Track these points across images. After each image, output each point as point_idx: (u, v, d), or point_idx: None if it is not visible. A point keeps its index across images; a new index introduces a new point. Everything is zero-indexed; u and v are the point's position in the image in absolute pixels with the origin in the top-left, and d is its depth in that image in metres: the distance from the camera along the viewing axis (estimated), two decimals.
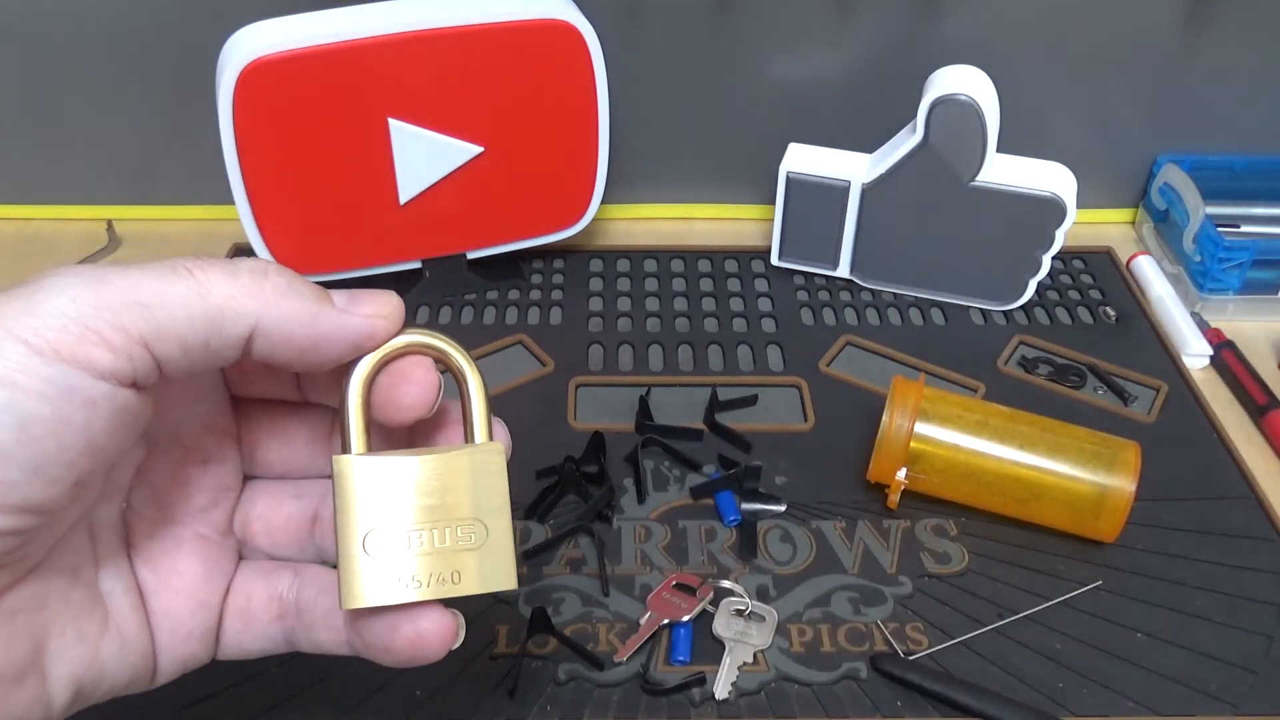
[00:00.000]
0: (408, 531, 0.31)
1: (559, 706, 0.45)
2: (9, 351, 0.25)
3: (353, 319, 0.30)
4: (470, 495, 0.32)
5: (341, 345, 0.30)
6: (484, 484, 0.32)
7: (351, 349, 0.31)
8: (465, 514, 0.32)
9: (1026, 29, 0.72)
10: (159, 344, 0.27)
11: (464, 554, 0.32)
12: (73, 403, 0.26)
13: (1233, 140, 0.76)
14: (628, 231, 0.78)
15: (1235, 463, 0.59)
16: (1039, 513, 0.53)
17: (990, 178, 0.65)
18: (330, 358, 0.30)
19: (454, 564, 0.31)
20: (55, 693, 0.29)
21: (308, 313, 0.29)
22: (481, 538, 0.32)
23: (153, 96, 0.73)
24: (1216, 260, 0.69)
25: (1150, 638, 0.49)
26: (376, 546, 0.31)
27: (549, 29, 0.62)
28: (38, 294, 0.26)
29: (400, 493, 0.32)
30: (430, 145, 0.64)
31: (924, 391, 0.53)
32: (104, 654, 0.30)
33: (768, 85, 0.74)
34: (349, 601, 0.31)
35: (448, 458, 0.32)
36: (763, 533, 0.54)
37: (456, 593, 0.31)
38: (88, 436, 0.26)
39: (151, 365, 0.27)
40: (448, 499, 0.32)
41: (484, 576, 0.32)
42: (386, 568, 0.31)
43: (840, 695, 0.46)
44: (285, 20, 0.60)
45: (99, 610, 0.30)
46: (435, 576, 0.31)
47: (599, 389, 0.63)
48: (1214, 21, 0.71)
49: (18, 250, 0.75)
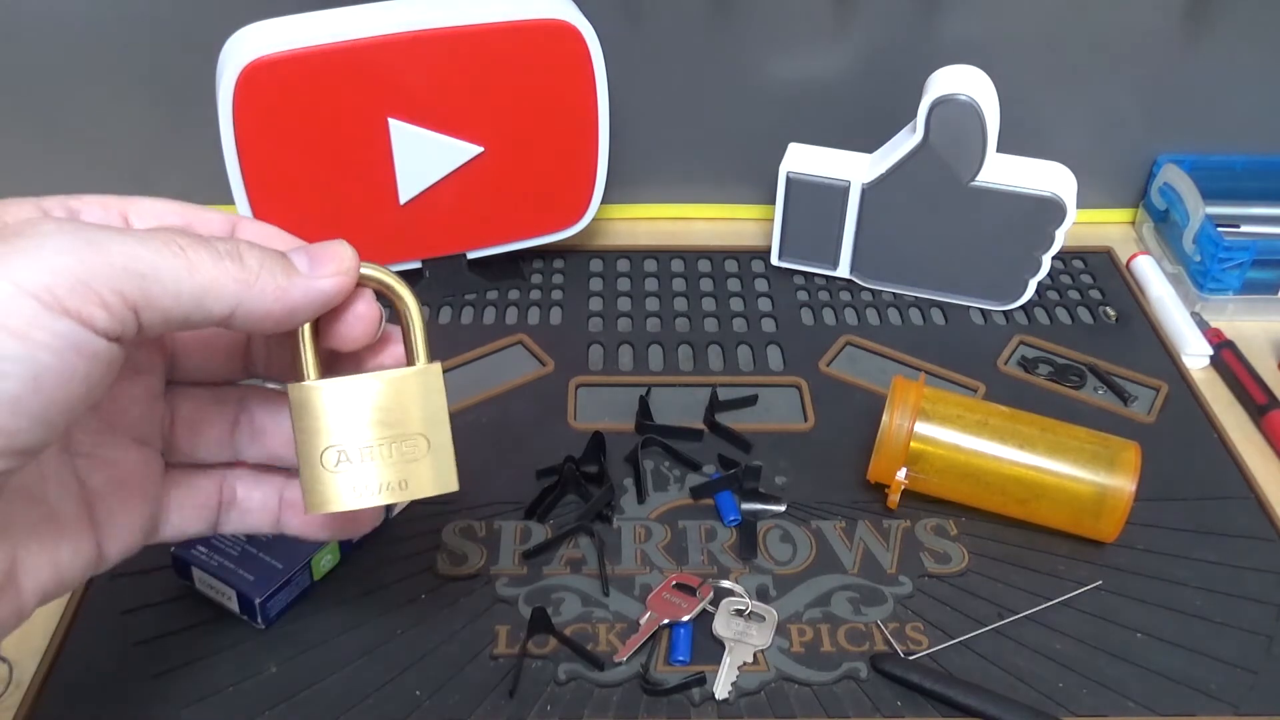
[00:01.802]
0: (360, 446, 0.35)
1: (559, 706, 0.45)
2: (22, 306, 0.27)
3: (319, 283, 0.33)
4: (415, 411, 0.36)
5: (311, 310, 0.33)
6: (426, 400, 0.36)
7: (320, 310, 0.34)
8: (412, 429, 0.36)
9: (1026, 29, 0.72)
10: (146, 312, 0.29)
11: (412, 464, 0.36)
12: (78, 356, 0.28)
13: (1233, 140, 0.76)
14: (628, 231, 0.78)
15: (1235, 463, 0.59)
16: (1039, 513, 0.53)
17: (990, 178, 0.65)
18: (300, 321, 0.33)
19: (403, 473, 0.36)
20: (26, 601, 0.32)
21: (280, 288, 0.32)
22: (424, 449, 0.36)
23: (153, 96, 0.73)
24: (1216, 260, 0.69)
25: (1150, 638, 0.49)
26: (334, 461, 0.35)
27: (549, 29, 0.62)
28: (42, 250, 0.28)
29: (352, 412, 0.35)
30: (430, 145, 0.64)
31: (924, 391, 0.53)
32: (63, 560, 0.33)
33: (768, 85, 0.74)
34: (315, 508, 0.35)
35: (393, 379, 0.36)
36: (763, 533, 0.54)
37: (407, 497, 0.36)
38: (86, 386, 0.29)
39: (135, 327, 0.29)
40: (394, 415, 0.36)
41: (431, 482, 0.36)
42: (345, 479, 0.35)
43: (840, 695, 0.46)
44: (285, 20, 0.60)
45: (54, 522, 0.33)
46: (387, 484, 0.36)
47: (599, 389, 0.63)
48: (1214, 21, 0.71)
49: None
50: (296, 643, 0.47)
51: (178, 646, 0.47)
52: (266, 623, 0.47)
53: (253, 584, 0.47)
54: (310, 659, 0.47)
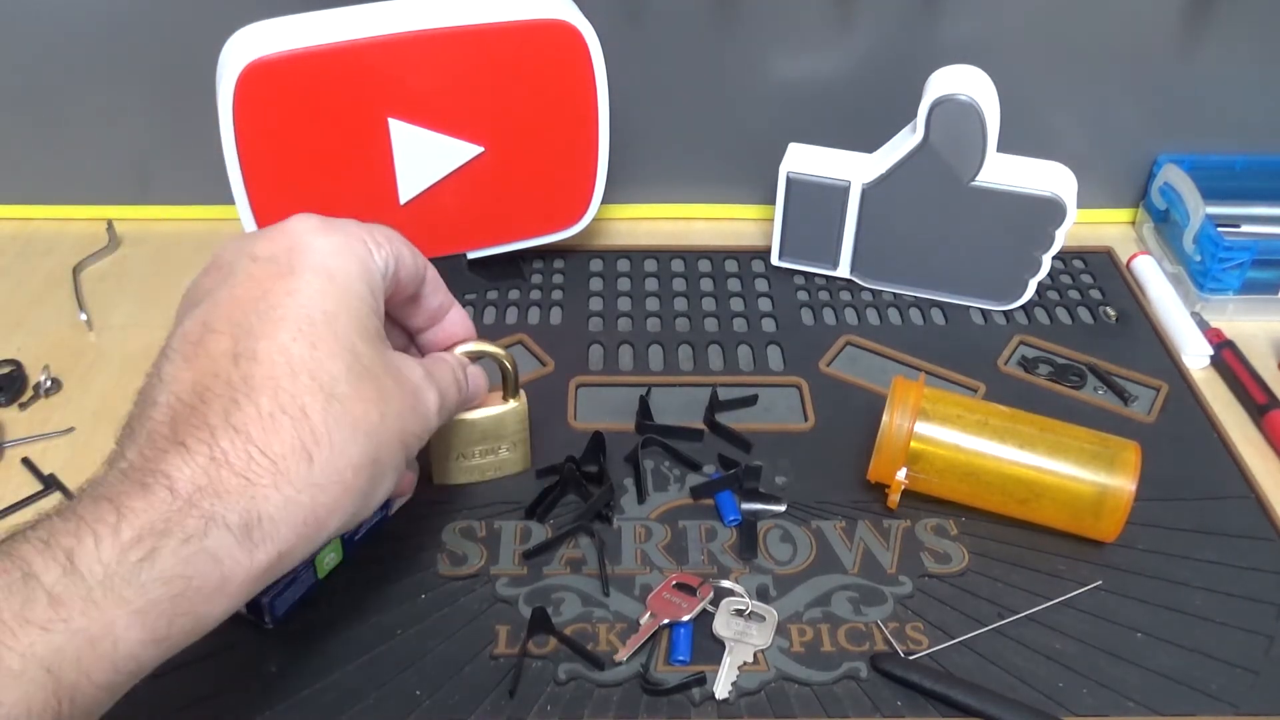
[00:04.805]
0: (476, 450, 0.55)
1: (559, 706, 0.45)
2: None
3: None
4: (510, 428, 0.55)
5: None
6: (517, 422, 0.55)
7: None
8: (506, 438, 0.55)
9: (1026, 29, 0.72)
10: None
11: (505, 456, 0.56)
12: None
13: (1233, 140, 0.76)
14: (628, 231, 0.78)
15: (1235, 463, 0.59)
16: (1039, 513, 0.53)
17: (990, 178, 0.65)
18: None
19: (499, 462, 0.56)
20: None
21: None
22: (513, 447, 0.56)
23: (153, 96, 0.73)
24: (1216, 260, 0.69)
25: (1150, 638, 0.49)
26: (457, 458, 0.55)
27: (549, 29, 0.62)
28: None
29: (472, 432, 0.54)
30: (430, 145, 0.64)
31: (924, 391, 0.53)
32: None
33: (768, 85, 0.74)
34: (440, 480, 0.56)
35: (499, 412, 0.54)
36: (763, 533, 0.54)
37: (497, 475, 0.56)
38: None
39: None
40: (496, 432, 0.55)
41: (516, 465, 0.56)
42: (463, 466, 0.55)
43: (840, 695, 0.46)
44: (285, 20, 0.60)
45: None
46: (486, 467, 0.56)
47: (599, 389, 0.63)
48: (1214, 21, 0.71)
49: (18, 250, 0.75)
50: (297, 642, 0.47)
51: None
52: (274, 621, 0.47)
53: None
54: (310, 659, 0.47)
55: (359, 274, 0.41)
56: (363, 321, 0.40)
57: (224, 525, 0.34)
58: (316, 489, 0.36)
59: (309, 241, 0.40)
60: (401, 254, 0.44)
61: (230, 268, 0.40)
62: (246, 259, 0.40)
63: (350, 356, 0.38)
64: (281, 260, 0.39)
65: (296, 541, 0.36)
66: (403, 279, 0.44)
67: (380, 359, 0.40)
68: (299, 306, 0.38)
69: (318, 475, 0.36)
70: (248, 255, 0.40)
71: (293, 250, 0.39)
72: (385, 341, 0.41)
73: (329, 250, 0.40)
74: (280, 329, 0.37)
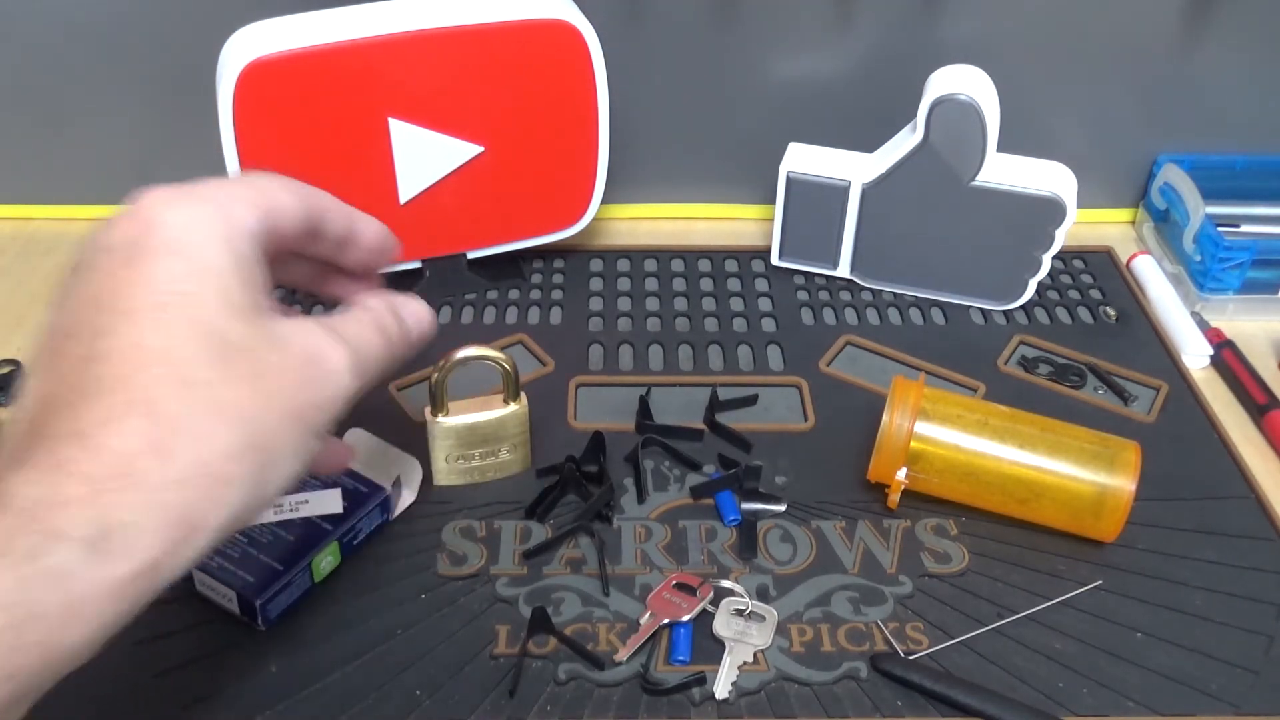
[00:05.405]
0: (475, 452, 0.55)
1: (559, 706, 0.45)
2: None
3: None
4: (510, 430, 0.55)
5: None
6: (516, 424, 0.55)
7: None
8: (506, 439, 0.55)
9: (1026, 29, 0.72)
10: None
11: (505, 457, 0.56)
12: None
13: (1233, 140, 0.76)
14: (628, 231, 0.78)
15: (1235, 463, 0.59)
16: (1039, 512, 0.53)
17: (990, 178, 0.65)
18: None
19: (498, 463, 0.56)
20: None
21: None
22: (513, 449, 0.56)
23: (153, 97, 0.73)
24: (1216, 260, 0.69)
25: (1150, 638, 0.49)
26: (454, 459, 0.55)
27: (549, 29, 0.62)
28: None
29: (469, 434, 0.55)
30: (430, 145, 0.64)
31: (924, 391, 0.53)
32: None
33: (768, 85, 0.74)
34: (441, 481, 0.56)
35: (499, 415, 0.55)
36: (763, 532, 0.54)
37: (497, 476, 0.56)
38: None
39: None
40: (495, 434, 0.55)
41: (516, 466, 0.56)
42: (459, 468, 0.56)
43: (840, 695, 0.46)
44: (285, 20, 0.60)
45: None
46: (487, 468, 0.56)
47: (599, 389, 0.63)
48: (1214, 21, 0.71)
49: (18, 250, 0.75)
50: (296, 643, 0.47)
51: (178, 646, 0.47)
52: (266, 624, 0.47)
53: (252, 585, 0.47)
54: (310, 659, 0.47)
55: (220, 244, 0.36)
56: (228, 296, 0.36)
57: (68, 539, 0.30)
58: (181, 486, 0.33)
59: (160, 217, 0.36)
60: (277, 203, 0.39)
61: (86, 263, 0.36)
62: (98, 251, 0.36)
63: (212, 338, 0.35)
64: (131, 245, 0.35)
65: (168, 547, 0.32)
66: (285, 229, 0.40)
67: (256, 332, 0.36)
68: (150, 295, 0.34)
69: (180, 471, 0.33)
70: (99, 246, 0.36)
71: (143, 232, 0.36)
72: (264, 311, 0.37)
73: (182, 224, 0.36)
74: (131, 323, 0.34)
